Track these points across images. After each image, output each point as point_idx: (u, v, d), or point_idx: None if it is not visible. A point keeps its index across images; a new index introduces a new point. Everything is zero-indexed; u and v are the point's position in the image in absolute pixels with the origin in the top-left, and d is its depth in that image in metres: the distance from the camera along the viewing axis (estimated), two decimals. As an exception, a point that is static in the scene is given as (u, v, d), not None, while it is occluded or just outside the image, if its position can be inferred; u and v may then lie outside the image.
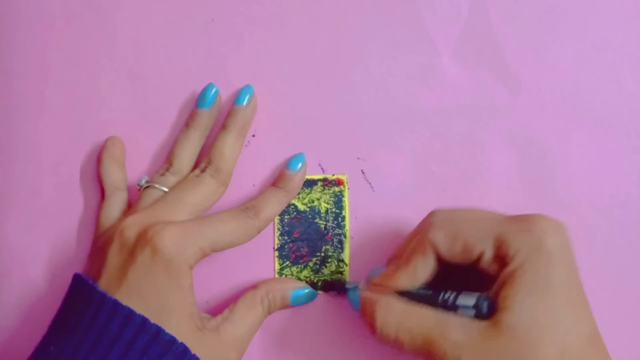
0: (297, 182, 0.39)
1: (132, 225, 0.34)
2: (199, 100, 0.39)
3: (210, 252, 0.34)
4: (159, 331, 0.30)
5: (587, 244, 0.39)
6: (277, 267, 0.39)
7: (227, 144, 0.38)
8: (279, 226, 0.40)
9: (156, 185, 0.37)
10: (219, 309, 0.38)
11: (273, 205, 0.37)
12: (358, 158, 0.40)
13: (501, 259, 0.30)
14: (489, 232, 0.31)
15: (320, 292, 0.39)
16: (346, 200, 0.40)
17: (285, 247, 0.40)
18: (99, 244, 0.35)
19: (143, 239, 0.32)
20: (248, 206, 0.37)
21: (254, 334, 0.37)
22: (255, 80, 0.40)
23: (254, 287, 0.38)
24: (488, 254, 0.31)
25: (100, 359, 0.30)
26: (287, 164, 0.39)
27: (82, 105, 0.41)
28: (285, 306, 0.38)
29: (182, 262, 0.32)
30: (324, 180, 0.40)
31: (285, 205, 0.39)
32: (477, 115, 0.39)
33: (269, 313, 0.37)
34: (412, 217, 0.39)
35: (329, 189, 0.40)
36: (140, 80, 0.41)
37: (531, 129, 0.39)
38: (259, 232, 0.36)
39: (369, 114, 0.40)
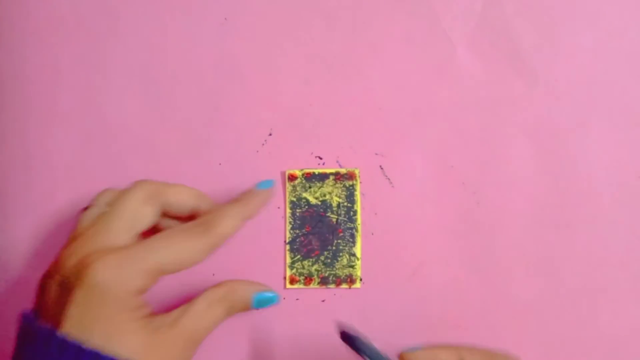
0: (259, 199, 0.37)
1: (69, 256, 0.32)
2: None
3: (159, 276, 0.32)
4: (96, 355, 0.29)
5: (608, 236, 0.38)
6: (288, 260, 0.39)
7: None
8: (290, 220, 0.39)
9: (97, 203, 0.36)
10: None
11: (229, 220, 0.34)
12: (376, 154, 0.40)
13: None
14: None
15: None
16: (358, 194, 0.39)
17: (297, 240, 0.39)
18: (49, 271, 0.34)
19: (79, 272, 0.31)
20: (201, 221, 0.34)
21: (211, 331, 0.34)
22: (270, 79, 0.40)
23: (216, 285, 0.36)
24: None
25: None
26: (257, 184, 0.38)
27: (96, 109, 0.41)
28: (246, 309, 0.36)
29: (121, 291, 0.31)
30: (336, 174, 0.40)
31: (244, 221, 0.35)
32: (495, 108, 0.39)
33: (230, 314, 0.36)
34: (432, 212, 0.39)
35: (341, 183, 0.39)
36: (154, 83, 0.41)
37: (549, 120, 0.39)
38: (212, 249, 0.33)
39: (385, 110, 0.40)
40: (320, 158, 0.40)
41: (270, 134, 0.40)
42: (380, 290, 0.39)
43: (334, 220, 0.39)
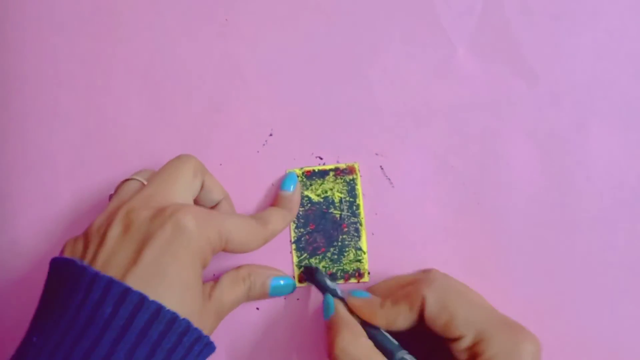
0: (295, 200, 0.39)
1: (140, 207, 0.31)
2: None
3: (225, 244, 0.32)
4: (159, 309, 0.28)
5: (608, 236, 0.38)
6: (295, 259, 0.39)
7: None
8: (294, 219, 0.39)
9: (136, 177, 0.35)
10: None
11: (278, 220, 0.37)
12: (376, 154, 0.40)
13: (474, 353, 0.31)
14: (476, 321, 0.31)
15: (299, 284, 0.39)
16: (359, 188, 0.39)
17: (302, 239, 0.39)
18: (91, 228, 0.32)
19: (161, 216, 0.30)
20: (257, 217, 0.36)
21: (232, 309, 0.36)
22: (271, 80, 0.40)
23: (237, 267, 0.37)
24: (465, 342, 0.31)
25: (91, 345, 0.27)
26: (281, 184, 0.39)
27: (97, 110, 0.41)
28: (264, 294, 0.37)
29: (203, 241, 0.31)
30: (336, 169, 0.40)
31: (289, 223, 0.38)
32: (495, 108, 0.39)
33: (249, 297, 0.37)
34: (433, 212, 0.39)
35: (342, 178, 0.39)
36: (155, 83, 0.41)
37: (549, 120, 0.39)
38: (265, 242, 0.35)
39: (386, 110, 0.40)
40: (321, 158, 0.40)
41: (270, 134, 0.40)
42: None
43: (338, 215, 0.39)
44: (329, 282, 0.36)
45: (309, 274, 0.38)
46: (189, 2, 0.41)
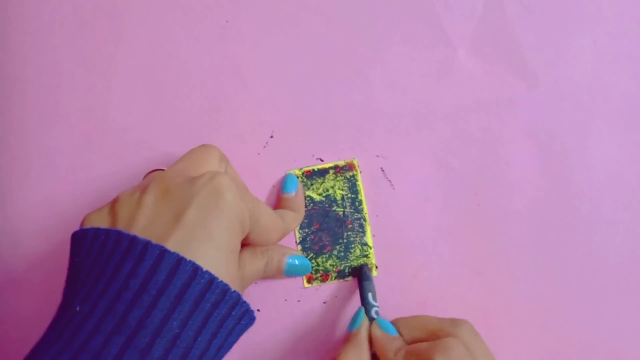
0: (300, 202, 0.39)
1: (175, 177, 0.30)
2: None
3: (254, 224, 0.31)
4: (212, 280, 0.27)
5: (608, 236, 0.38)
6: (302, 260, 0.39)
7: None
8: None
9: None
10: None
11: (291, 219, 0.37)
12: (377, 156, 0.40)
13: None
14: None
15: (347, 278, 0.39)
16: (360, 184, 0.39)
17: (307, 239, 0.39)
18: (119, 198, 0.31)
19: (200, 180, 0.29)
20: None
21: (252, 282, 0.35)
22: (272, 81, 0.40)
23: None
24: None
25: (145, 313, 0.26)
26: (282, 187, 0.39)
27: (97, 111, 0.40)
28: (279, 271, 0.37)
29: (243, 208, 0.30)
30: (335, 167, 0.40)
31: (299, 223, 0.39)
32: (496, 109, 0.39)
33: (266, 272, 0.36)
34: (433, 214, 0.39)
35: (342, 175, 0.40)
36: (155, 84, 0.40)
37: (550, 122, 0.39)
38: (281, 237, 0.35)
39: (386, 112, 0.40)
40: (322, 160, 0.40)
41: (271, 136, 0.40)
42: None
43: (341, 213, 0.39)
44: (370, 299, 0.36)
45: (358, 275, 0.38)
46: (189, 3, 0.41)
